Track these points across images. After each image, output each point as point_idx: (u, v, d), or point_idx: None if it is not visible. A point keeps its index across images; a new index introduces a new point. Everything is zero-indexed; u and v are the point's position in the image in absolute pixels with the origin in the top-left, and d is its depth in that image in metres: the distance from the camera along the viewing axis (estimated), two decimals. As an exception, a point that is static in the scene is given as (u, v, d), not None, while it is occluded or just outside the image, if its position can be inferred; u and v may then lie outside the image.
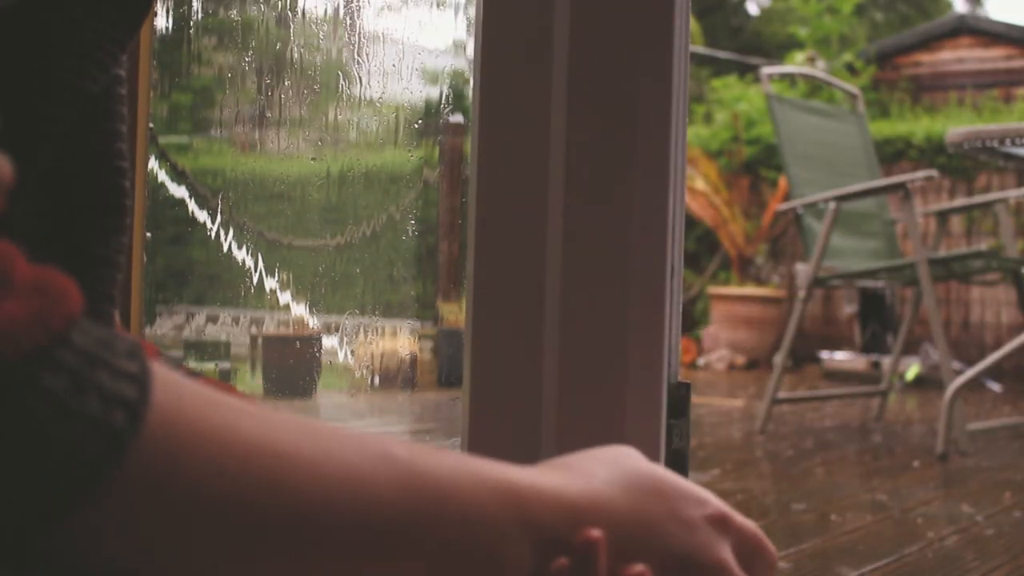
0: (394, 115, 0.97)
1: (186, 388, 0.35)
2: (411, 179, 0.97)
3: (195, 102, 1.10)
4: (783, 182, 6.57)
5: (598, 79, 0.72)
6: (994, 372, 6.00)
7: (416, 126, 0.97)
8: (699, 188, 7.28)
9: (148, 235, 0.98)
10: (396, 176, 0.98)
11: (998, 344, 6.37)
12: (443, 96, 0.96)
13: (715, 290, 7.27)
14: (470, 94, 0.77)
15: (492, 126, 0.74)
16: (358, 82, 0.98)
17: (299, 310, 1.03)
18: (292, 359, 1.10)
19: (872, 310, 6.48)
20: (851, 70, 8.48)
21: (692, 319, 7.55)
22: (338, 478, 0.37)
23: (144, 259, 0.97)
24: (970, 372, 3.32)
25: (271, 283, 1.02)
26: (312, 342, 1.06)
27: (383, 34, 0.97)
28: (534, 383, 0.72)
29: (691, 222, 7.48)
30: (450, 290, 1.04)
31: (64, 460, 0.31)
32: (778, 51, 12.23)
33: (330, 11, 0.99)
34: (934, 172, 3.78)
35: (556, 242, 0.72)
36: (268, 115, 1.04)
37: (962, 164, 7.15)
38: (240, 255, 1.02)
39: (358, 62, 0.98)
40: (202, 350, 1.13)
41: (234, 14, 1.06)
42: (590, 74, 0.72)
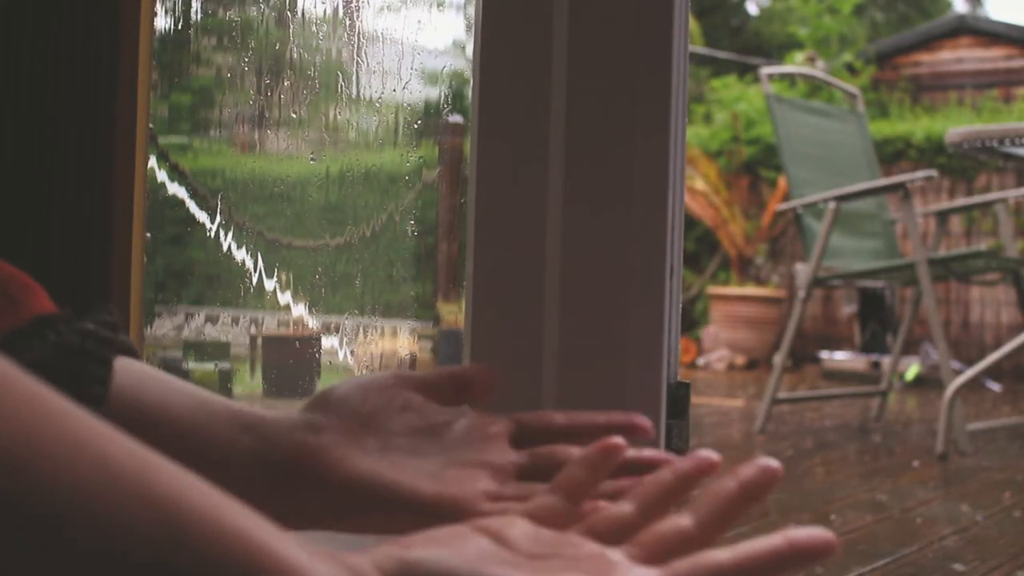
0: (393, 115, 0.97)
1: None
2: (411, 179, 0.97)
3: (195, 102, 1.10)
4: (783, 182, 6.57)
5: (597, 79, 0.72)
6: (994, 372, 6.00)
7: (416, 126, 0.97)
8: (699, 188, 7.28)
9: (148, 235, 0.98)
10: (396, 176, 0.98)
11: (998, 344, 6.37)
12: (443, 96, 0.96)
13: (715, 290, 7.28)
14: (470, 94, 0.77)
15: (492, 126, 0.75)
16: (357, 82, 0.99)
17: (299, 310, 1.04)
18: (292, 359, 1.10)
19: (872, 310, 6.48)
20: (851, 70, 8.48)
21: (692, 319, 7.55)
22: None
23: (144, 259, 0.97)
24: (970, 372, 3.32)
25: (271, 283, 1.02)
26: (312, 342, 1.06)
27: (383, 34, 0.97)
28: (533, 382, 0.72)
29: (691, 222, 7.48)
30: (450, 290, 1.04)
31: None
32: (778, 51, 12.23)
33: (329, 11, 0.99)
34: (934, 172, 3.78)
35: (555, 242, 0.72)
36: (268, 115, 1.04)
37: (962, 164, 7.15)
38: (240, 255, 1.02)
39: (358, 62, 0.98)
40: (201, 350, 1.13)
41: (234, 14, 1.06)
42: (589, 74, 0.72)
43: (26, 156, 0.94)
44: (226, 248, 1.02)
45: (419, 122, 0.96)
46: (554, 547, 0.42)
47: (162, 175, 1.02)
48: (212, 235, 1.03)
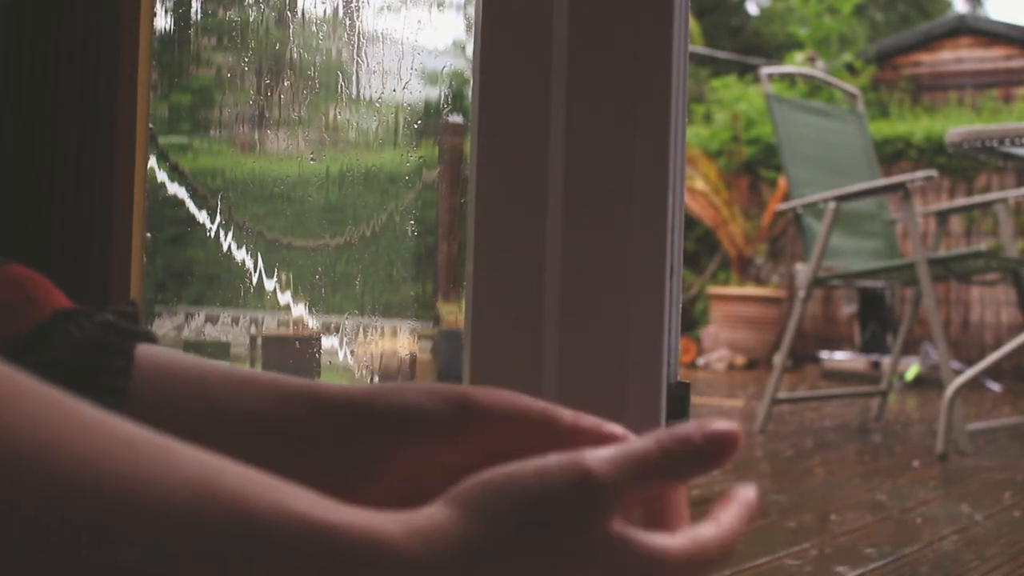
0: (393, 115, 0.97)
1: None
2: (411, 179, 0.97)
3: (195, 102, 1.10)
4: (783, 182, 6.57)
5: (597, 79, 0.72)
6: (994, 372, 6.00)
7: (416, 126, 0.97)
8: (699, 188, 7.28)
9: (148, 235, 0.98)
10: (396, 176, 0.98)
11: (998, 344, 6.37)
12: (443, 96, 0.96)
13: (715, 290, 7.28)
14: (470, 94, 0.77)
15: (492, 126, 0.75)
16: (357, 82, 0.99)
17: (299, 310, 1.04)
18: (292, 359, 1.10)
19: (872, 310, 6.48)
20: (851, 70, 8.48)
21: (692, 319, 7.55)
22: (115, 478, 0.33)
23: (144, 259, 0.97)
24: (970, 372, 3.32)
25: (271, 283, 1.02)
26: (311, 342, 1.06)
27: (383, 34, 0.97)
28: (533, 382, 0.72)
29: (691, 222, 7.49)
30: (450, 290, 1.04)
31: None
32: (778, 51, 12.23)
33: (329, 11, 0.99)
34: (934, 172, 3.78)
35: (555, 242, 0.72)
36: (268, 115, 1.04)
37: (962, 164, 7.15)
38: (240, 255, 1.02)
39: (358, 62, 0.98)
40: (201, 350, 1.13)
41: (234, 14, 1.06)
42: (589, 74, 0.72)
43: (26, 156, 0.94)
44: (226, 248, 1.02)
45: (419, 122, 0.96)
46: None
47: (162, 175, 1.02)
48: (212, 235, 1.03)
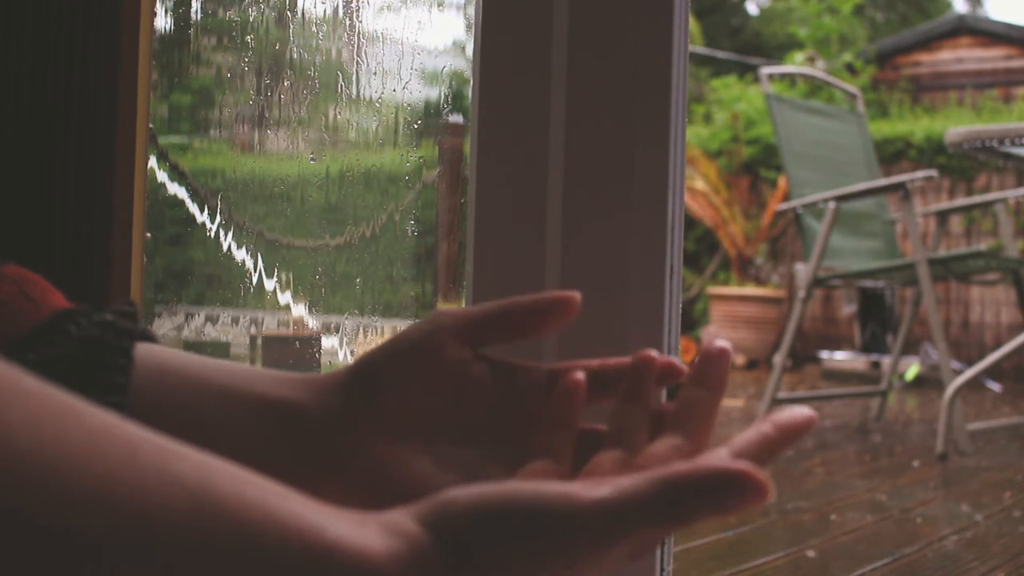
0: (393, 115, 0.97)
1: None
2: (411, 179, 0.97)
3: (195, 102, 1.10)
4: (783, 182, 6.57)
5: (597, 79, 0.72)
6: (994, 372, 6.00)
7: (416, 126, 0.97)
8: (699, 188, 7.28)
9: (148, 235, 0.98)
10: (396, 176, 0.98)
11: (998, 344, 6.37)
12: (443, 96, 0.96)
13: (715, 290, 7.28)
14: (470, 94, 0.77)
15: (492, 126, 0.75)
16: (357, 82, 0.99)
17: (299, 310, 1.03)
18: (291, 359, 1.10)
19: (872, 310, 6.48)
20: (851, 70, 8.49)
21: (692, 319, 7.55)
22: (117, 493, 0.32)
23: (144, 259, 0.97)
24: (970, 372, 3.32)
25: (271, 283, 1.02)
26: (311, 342, 1.06)
27: (383, 34, 0.97)
28: (534, 383, 0.72)
29: (691, 222, 7.49)
30: (450, 290, 1.04)
31: None
32: (778, 51, 12.23)
33: (329, 11, 0.99)
34: (934, 172, 3.78)
35: (555, 242, 0.72)
36: (268, 115, 1.04)
37: (962, 164, 7.15)
38: (240, 255, 1.02)
39: (358, 62, 0.98)
40: (201, 350, 1.13)
41: (234, 14, 1.06)
42: (589, 74, 0.72)
43: (26, 156, 0.94)
44: (226, 248, 1.02)
45: (419, 122, 0.96)
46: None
47: (162, 175, 1.02)
48: (212, 235, 1.03)
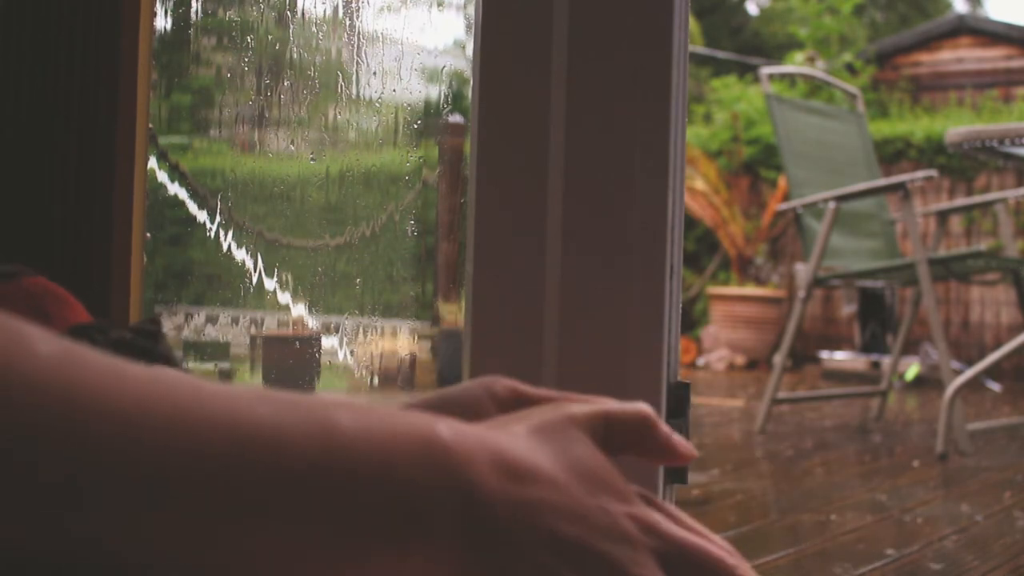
0: (394, 115, 0.97)
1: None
2: (411, 179, 0.97)
3: (195, 102, 1.10)
4: (783, 182, 6.57)
5: (597, 79, 0.72)
6: (994, 372, 6.00)
7: (416, 126, 0.97)
8: (699, 188, 7.28)
9: (148, 235, 0.98)
10: (396, 176, 0.98)
11: (998, 344, 6.37)
12: (443, 96, 0.96)
13: (715, 290, 7.28)
14: (470, 94, 0.77)
15: (492, 126, 0.75)
16: (357, 82, 0.99)
17: (299, 310, 1.03)
18: (292, 359, 1.10)
19: (872, 310, 6.48)
20: (851, 70, 8.49)
21: (692, 319, 7.55)
22: (246, 424, 0.34)
23: (144, 259, 0.97)
24: (970, 372, 3.32)
25: (271, 283, 1.02)
26: (312, 342, 1.06)
27: (383, 34, 0.97)
28: (533, 382, 0.72)
29: (691, 222, 7.49)
30: (450, 290, 1.04)
31: None
32: (778, 51, 12.24)
33: (329, 11, 0.99)
34: (934, 172, 3.78)
35: (555, 242, 0.72)
36: (268, 115, 1.04)
37: (962, 164, 7.15)
38: (240, 255, 1.02)
39: (358, 62, 0.98)
40: (202, 350, 1.13)
41: (234, 14, 1.06)
42: (589, 74, 0.72)
43: (26, 156, 0.94)
44: (226, 248, 1.02)
45: (419, 122, 0.96)
46: None
47: (162, 175, 1.02)
48: (212, 235, 1.03)
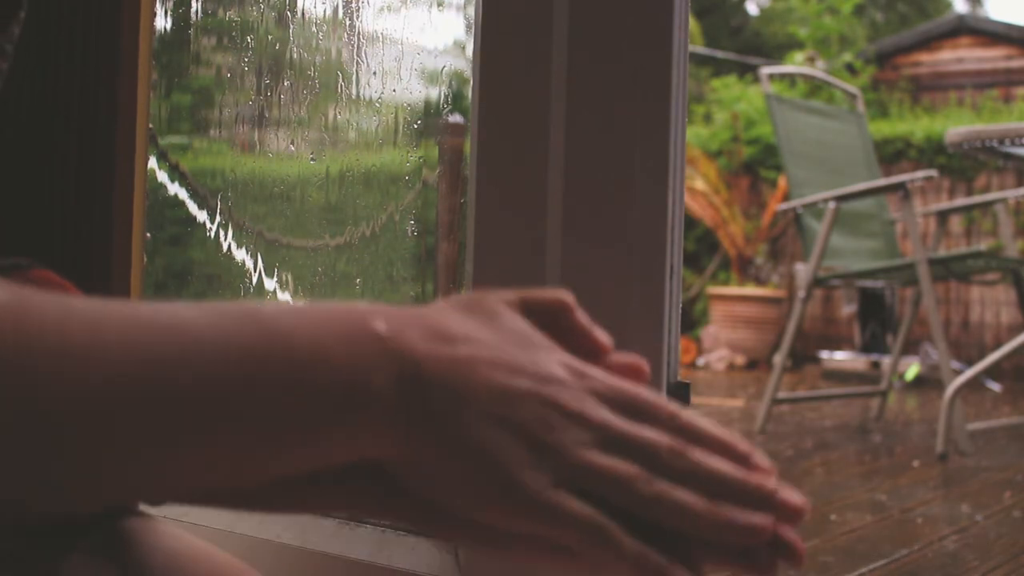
0: (393, 115, 0.97)
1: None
2: (411, 179, 0.97)
3: (195, 102, 1.10)
4: (783, 182, 6.57)
5: (597, 79, 0.72)
6: (994, 372, 6.00)
7: (416, 126, 0.97)
8: (699, 188, 7.28)
9: (148, 235, 0.98)
10: (396, 176, 0.98)
11: (998, 344, 6.37)
12: (443, 96, 0.96)
13: (715, 290, 7.28)
14: (470, 94, 0.77)
15: (492, 126, 0.75)
16: (357, 82, 0.99)
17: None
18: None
19: (872, 310, 6.48)
20: (851, 70, 8.49)
21: (692, 319, 7.55)
22: (201, 337, 0.36)
23: (144, 259, 0.97)
24: (970, 372, 3.32)
25: (271, 283, 1.02)
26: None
27: (383, 34, 0.97)
28: (534, 383, 0.72)
29: (691, 222, 7.49)
30: (450, 290, 1.04)
31: None
32: (778, 51, 12.24)
33: (329, 11, 0.99)
34: (934, 172, 3.78)
35: (555, 242, 0.72)
36: (268, 115, 1.04)
37: (962, 164, 7.15)
38: (240, 255, 1.02)
39: (358, 62, 0.98)
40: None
41: (234, 14, 1.06)
42: (589, 74, 0.72)
43: (27, 156, 0.94)
44: (226, 248, 1.02)
45: (419, 122, 0.96)
46: None
47: (162, 175, 1.02)
48: (212, 235, 1.03)
